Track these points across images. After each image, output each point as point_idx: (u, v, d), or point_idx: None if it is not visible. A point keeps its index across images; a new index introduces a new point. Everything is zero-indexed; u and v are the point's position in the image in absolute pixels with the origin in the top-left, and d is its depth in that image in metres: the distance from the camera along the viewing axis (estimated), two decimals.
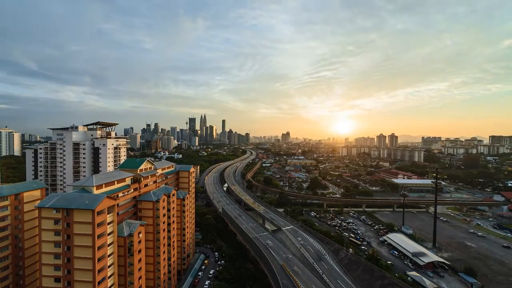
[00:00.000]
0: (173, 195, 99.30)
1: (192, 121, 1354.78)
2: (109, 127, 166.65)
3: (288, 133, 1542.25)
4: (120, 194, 75.31)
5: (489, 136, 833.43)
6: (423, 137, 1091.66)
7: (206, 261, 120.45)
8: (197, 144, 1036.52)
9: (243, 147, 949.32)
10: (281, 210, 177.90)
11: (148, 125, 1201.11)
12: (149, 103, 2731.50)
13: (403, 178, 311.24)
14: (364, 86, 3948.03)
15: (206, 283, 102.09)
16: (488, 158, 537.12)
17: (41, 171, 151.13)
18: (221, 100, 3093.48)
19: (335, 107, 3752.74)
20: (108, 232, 62.35)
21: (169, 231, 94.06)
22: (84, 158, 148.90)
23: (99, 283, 58.69)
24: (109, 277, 62.75)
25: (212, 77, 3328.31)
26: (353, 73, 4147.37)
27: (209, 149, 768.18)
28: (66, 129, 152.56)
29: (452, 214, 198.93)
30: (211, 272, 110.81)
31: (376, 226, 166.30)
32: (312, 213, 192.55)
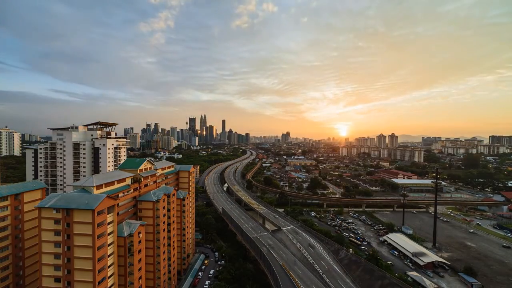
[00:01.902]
0: (173, 195, 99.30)
1: (192, 121, 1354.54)
2: (109, 127, 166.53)
3: (288, 133, 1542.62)
4: (120, 194, 75.32)
5: (489, 136, 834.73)
6: (423, 137, 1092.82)
7: (206, 261, 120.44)
8: (197, 144, 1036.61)
9: (243, 147, 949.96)
10: (281, 210, 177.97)
11: (148, 125, 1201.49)
12: (152, 105, 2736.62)
13: (403, 178, 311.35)
14: (366, 91, 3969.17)
15: (206, 283, 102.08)
16: (488, 158, 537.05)
17: (41, 171, 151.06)
18: (228, 101, 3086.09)
19: (336, 108, 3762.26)
20: (108, 232, 62.35)
21: (169, 231, 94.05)
22: (84, 158, 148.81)
23: (99, 283, 58.68)
24: (109, 277, 62.73)
25: (225, 80, 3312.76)
26: (357, 80, 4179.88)
27: (209, 149, 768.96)
28: (66, 129, 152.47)
29: (452, 214, 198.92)
30: (211, 272, 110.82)
31: (376, 226, 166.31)
32: (312, 213, 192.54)
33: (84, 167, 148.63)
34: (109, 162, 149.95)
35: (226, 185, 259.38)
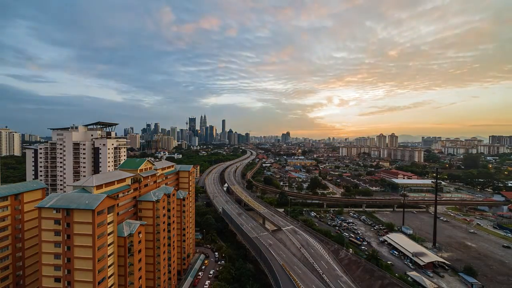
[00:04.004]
0: (173, 195, 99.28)
1: (192, 121, 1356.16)
2: (109, 127, 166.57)
3: (288, 133, 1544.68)
4: (120, 194, 75.30)
5: (489, 136, 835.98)
6: (423, 137, 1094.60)
7: (206, 261, 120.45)
8: (197, 144, 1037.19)
9: (243, 147, 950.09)
10: (281, 210, 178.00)
11: (148, 125, 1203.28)
12: (155, 105, 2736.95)
13: (403, 178, 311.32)
14: (366, 94, 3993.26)
15: (206, 283, 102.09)
16: (488, 158, 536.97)
17: (41, 171, 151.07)
18: (232, 103, 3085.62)
19: (337, 109, 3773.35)
20: (108, 232, 62.29)
21: (169, 231, 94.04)
22: (84, 158, 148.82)
23: (99, 283, 58.66)
24: (109, 277, 62.68)
25: (243, 89, 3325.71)
26: (359, 86, 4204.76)
27: (209, 149, 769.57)
28: (66, 129, 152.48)
29: (452, 214, 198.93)
30: (211, 272, 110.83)
31: (376, 226, 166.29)
32: (312, 213, 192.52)
33: (84, 167, 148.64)
34: (109, 162, 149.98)
35: (226, 185, 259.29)
